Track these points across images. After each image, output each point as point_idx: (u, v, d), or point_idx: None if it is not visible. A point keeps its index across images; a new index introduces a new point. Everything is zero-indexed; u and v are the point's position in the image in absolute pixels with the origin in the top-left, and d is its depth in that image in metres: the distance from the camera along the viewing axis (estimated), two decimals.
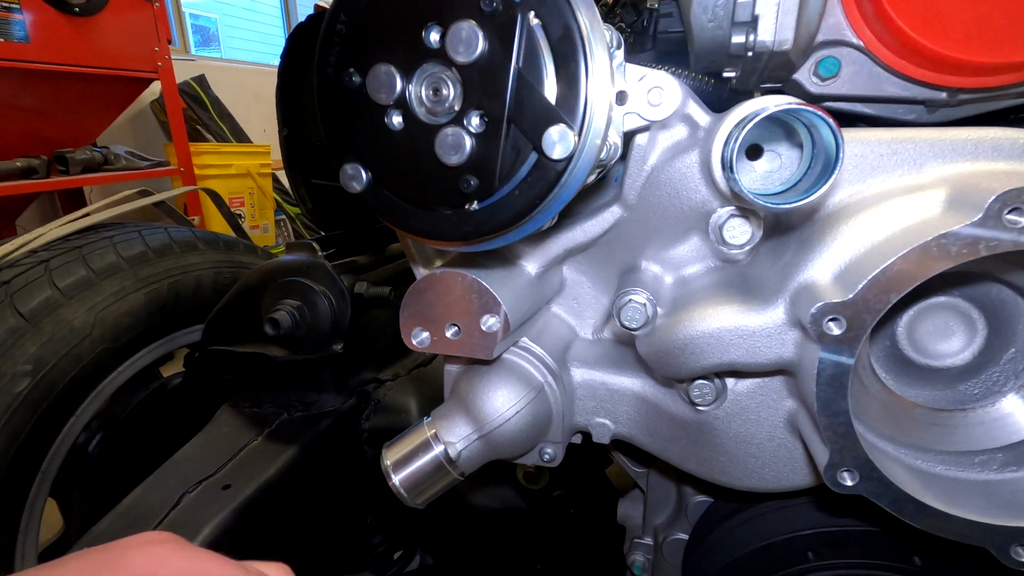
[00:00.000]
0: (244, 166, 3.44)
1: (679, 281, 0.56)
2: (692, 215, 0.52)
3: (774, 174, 0.50)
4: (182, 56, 4.06)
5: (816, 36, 0.49)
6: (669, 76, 0.46)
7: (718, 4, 0.46)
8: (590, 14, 0.37)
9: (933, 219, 0.39)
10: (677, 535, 0.77)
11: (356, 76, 0.40)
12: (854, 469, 0.42)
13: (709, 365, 0.48)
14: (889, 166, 0.45)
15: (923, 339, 0.49)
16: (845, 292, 0.39)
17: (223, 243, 1.27)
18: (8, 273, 0.99)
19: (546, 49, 0.37)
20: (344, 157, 0.42)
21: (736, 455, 0.55)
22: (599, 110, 0.38)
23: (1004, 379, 0.48)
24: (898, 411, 0.50)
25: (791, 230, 0.49)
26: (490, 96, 0.37)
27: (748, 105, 0.44)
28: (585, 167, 0.40)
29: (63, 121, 2.59)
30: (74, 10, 2.34)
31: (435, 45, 0.38)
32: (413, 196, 0.41)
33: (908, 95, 0.50)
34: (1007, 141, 0.42)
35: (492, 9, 0.36)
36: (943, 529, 0.41)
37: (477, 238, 0.42)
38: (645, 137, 0.52)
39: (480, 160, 0.38)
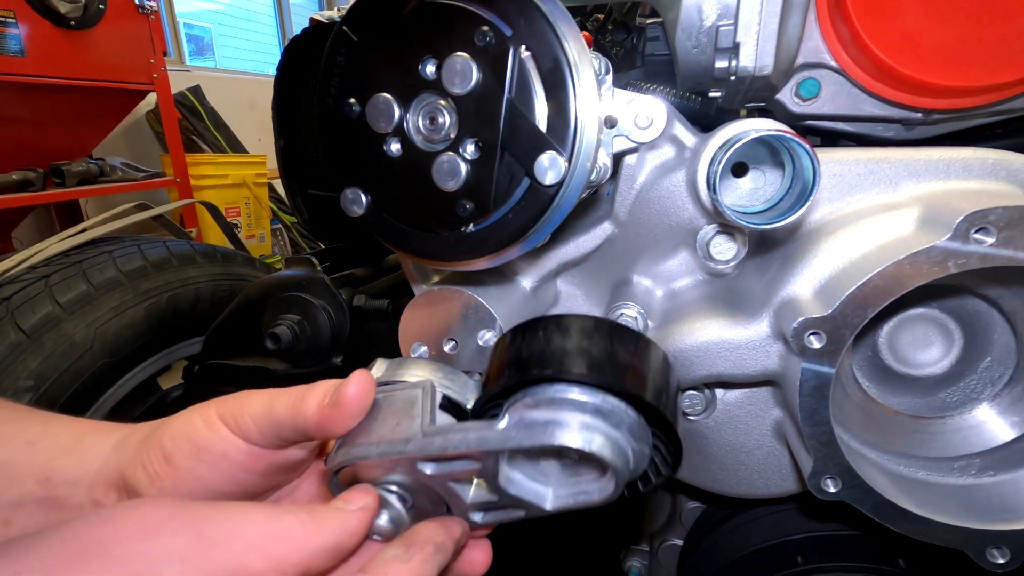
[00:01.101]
0: (240, 176, 3.46)
1: (669, 294, 0.58)
2: (680, 231, 0.54)
3: (759, 191, 0.52)
4: (177, 67, 4.07)
5: (796, 59, 0.51)
6: (656, 100, 0.48)
7: (701, 31, 0.48)
8: (578, 45, 0.39)
9: (907, 237, 0.41)
10: (672, 541, 0.78)
11: (356, 106, 0.41)
12: (837, 476, 0.43)
13: (698, 377, 0.50)
14: (866, 185, 0.47)
15: (903, 349, 0.51)
16: (825, 307, 0.41)
17: (221, 256, 1.29)
18: (9, 289, 1.00)
19: (537, 80, 0.39)
20: (345, 182, 0.43)
21: (726, 463, 0.56)
22: (588, 135, 0.40)
23: (981, 387, 0.50)
24: (880, 418, 0.51)
25: (776, 246, 0.51)
26: (484, 125, 0.39)
27: (732, 128, 0.46)
28: (576, 190, 0.42)
29: (59, 133, 2.60)
30: (69, 23, 2.36)
31: (431, 77, 0.40)
32: (411, 219, 0.43)
33: (885, 114, 0.52)
34: (977, 161, 0.45)
35: (485, 43, 0.38)
36: (923, 533, 0.43)
37: (474, 258, 0.44)
38: (634, 157, 0.53)
39: (475, 185, 0.40)
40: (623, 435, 0.33)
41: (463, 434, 0.34)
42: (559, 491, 0.36)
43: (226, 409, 0.37)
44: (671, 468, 0.37)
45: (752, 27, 0.46)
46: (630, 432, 0.34)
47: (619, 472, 0.33)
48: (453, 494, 0.36)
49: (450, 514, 0.38)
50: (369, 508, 0.34)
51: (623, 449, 0.33)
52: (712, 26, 0.47)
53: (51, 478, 0.39)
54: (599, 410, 0.33)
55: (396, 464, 0.35)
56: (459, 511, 0.37)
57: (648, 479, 0.38)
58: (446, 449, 0.34)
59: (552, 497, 0.35)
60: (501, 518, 0.38)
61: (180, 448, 0.37)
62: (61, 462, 0.40)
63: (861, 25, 0.45)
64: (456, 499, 0.36)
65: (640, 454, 0.34)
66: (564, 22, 0.38)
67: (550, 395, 0.34)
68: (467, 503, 0.36)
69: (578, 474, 0.36)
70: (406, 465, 0.35)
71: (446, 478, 0.36)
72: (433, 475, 0.35)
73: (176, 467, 0.37)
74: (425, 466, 0.35)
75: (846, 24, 0.47)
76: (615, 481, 0.34)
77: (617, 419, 0.33)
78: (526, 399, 0.34)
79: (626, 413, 0.34)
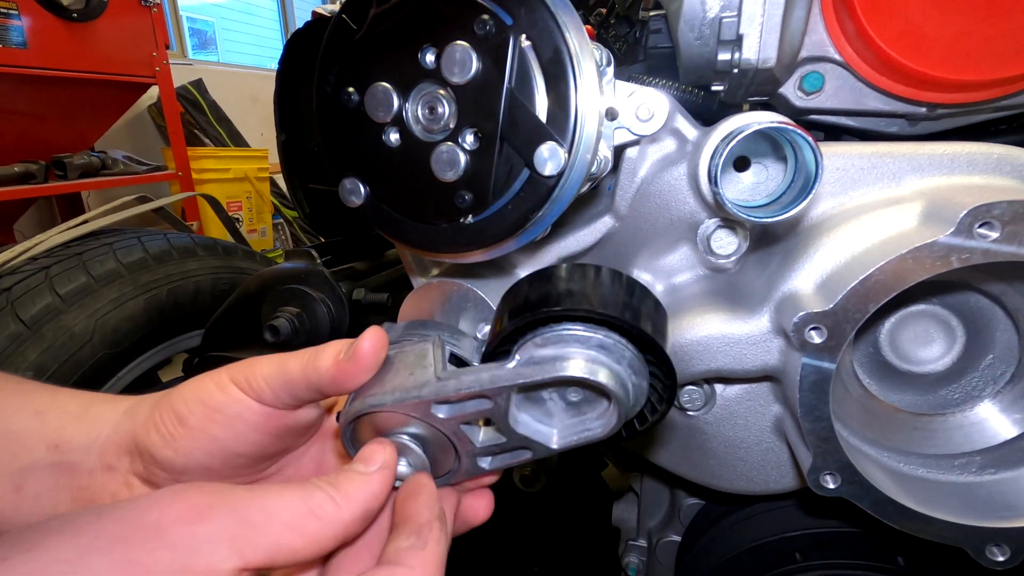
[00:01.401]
0: (242, 170, 3.45)
1: (669, 289, 0.58)
2: (681, 226, 0.53)
3: (761, 185, 0.51)
4: (180, 60, 4.07)
5: (800, 52, 0.50)
6: (657, 92, 0.47)
7: (704, 23, 0.47)
8: (579, 36, 0.39)
9: (909, 232, 0.41)
10: (670, 537, 0.78)
11: (355, 95, 0.41)
12: (836, 472, 0.43)
13: (698, 372, 0.49)
14: (870, 179, 0.47)
15: (904, 345, 0.50)
16: (826, 302, 0.40)
17: (221, 249, 1.28)
18: (9, 280, 1.00)
19: (537, 70, 0.38)
20: (343, 172, 0.43)
21: (725, 458, 0.56)
22: (588, 127, 0.40)
23: (983, 384, 0.50)
24: (881, 415, 0.51)
25: (777, 240, 0.51)
26: (483, 115, 0.39)
27: (734, 120, 0.46)
28: (576, 182, 0.41)
29: (61, 126, 2.61)
30: (72, 16, 2.36)
31: (431, 66, 0.39)
32: (410, 210, 0.43)
33: (889, 109, 0.52)
34: (981, 156, 0.44)
35: (485, 32, 0.37)
36: (922, 530, 0.43)
37: (472, 250, 0.43)
38: (635, 150, 0.53)
39: (474, 176, 0.40)
40: (624, 368, 0.36)
41: (476, 375, 0.36)
42: (564, 430, 0.38)
43: (238, 373, 0.38)
44: (667, 404, 0.40)
45: (756, 19, 0.45)
46: (630, 367, 0.37)
47: (620, 402, 0.36)
48: (463, 439, 0.38)
49: (459, 465, 0.39)
50: (389, 465, 0.36)
51: (624, 381, 0.36)
52: (715, 18, 0.47)
53: (61, 444, 0.40)
54: (602, 345, 0.36)
55: (411, 410, 0.37)
56: (468, 457, 0.39)
57: (645, 418, 0.40)
58: (460, 390, 0.36)
59: (557, 435, 0.38)
60: (508, 461, 0.40)
61: (193, 410, 0.38)
62: (71, 429, 0.40)
63: (866, 18, 0.45)
64: (466, 444, 0.38)
65: (639, 388, 0.37)
66: (565, 12, 0.38)
67: (556, 333, 0.37)
68: (476, 447, 0.38)
69: (581, 413, 0.39)
70: (420, 410, 0.36)
71: (458, 421, 0.37)
72: (446, 419, 0.37)
73: (190, 428, 0.38)
74: (439, 409, 0.37)
75: (851, 17, 0.46)
76: (616, 413, 0.36)
77: (618, 354, 0.37)
78: (535, 339, 0.37)
79: (626, 348, 0.37)
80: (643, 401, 0.39)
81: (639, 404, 0.39)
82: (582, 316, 0.36)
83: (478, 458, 0.39)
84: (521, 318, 0.37)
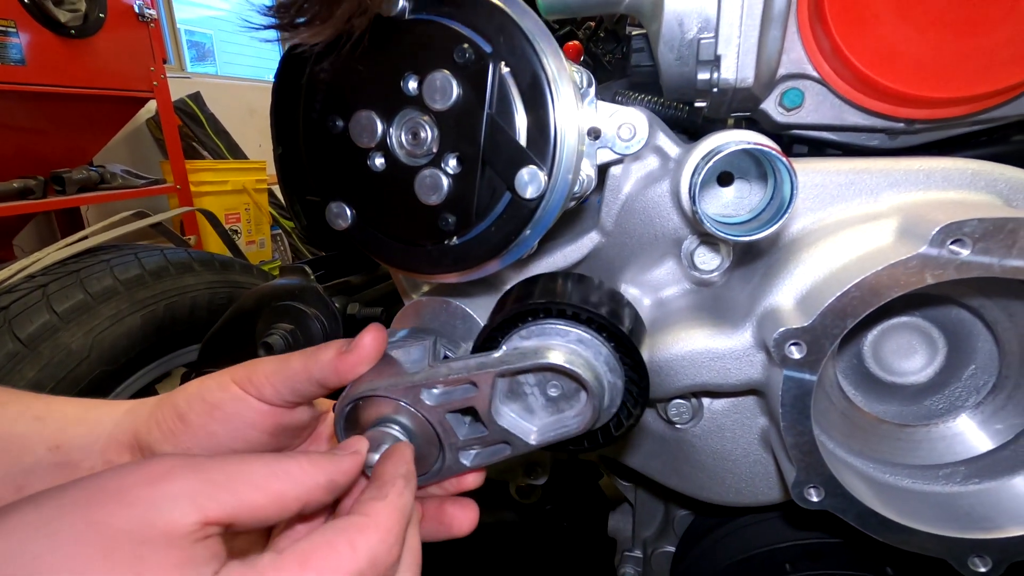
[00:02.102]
0: (240, 182, 3.47)
1: (656, 303, 0.58)
2: (665, 241, 0.54)
3: (743, 200, 0.52)
4: (177, 73, 4.09)
5: (779, 70, 0.51)
6: (638, 111, 0.48)
7: (683, 44, 0.48)
8: (557, 62, 0.40)
9: (885, 248, 0.41)
10: (665, 548, 0.79)
11: (339, 121, 0.42)
12: (820, 486, 0.44)
13: (683, 386, 0.50)
14: (848, 195, 0.48)
15: (887, 357, 0.51)
16: (805, 318, 0.41)
17: (219, 263, 1.29)
18: (6, 299, 1.00)
19: (516, 95, 0.39)
20: (330, 196, 0.44)
21: (714, 471, 0.56)
22: (568, 149, 0.41)
23: (965, 395, 0.51)
24: (865, 426, 0.52)
25: (760, 255, 0.52)
26: (465, 140, 0.40)
27: (714, 139, 0.47)
28: (557, 203, 0.42)
29: (59, 141, 2.62)
30: (70, 32, 2.38)
31: (413, 93, 0.40)
32: (396, 232, 0.44)
33: (868, 124, 0.53)
34: (956, 171, 0.45)
35: (465, 60, 0.38)
36: (905, 542, 0.43)
37: (457, 271, 0.44)
38: (619, 168, 0.54)
39: (457, 199, 0.41)
40: (600, 364, 0.40)
41: (464, 361, 0.40)
42: (543, 426, 0.41)
43: (239, 372, 0.40)
44: (640, 407, 0.42)
45: (732, 40, 0.46)
46: (606, 364, 0.41)
47: (595, 395, 0.39)
48: (448, 430, 0.41)
49: (443, 461, 0.42)
50: (360, 452, 0.37)
51: (599, 375, 0.40)
52: (693, 39, 0.48)
53: (62, 445, 0.41)
54: (581, 340, 0.41)
55: (402, 395, 0.39)
56: (451, 452, 0.41)
57: (620, 422, 0.43)
58: (449, 375, 0.39)
59: (537, 431, 0.41)
60: (489, 457, 0.42)
61: (193, 407, 0.40)
62: (71, 431, 0.41)
63: (840, 36, 0.46)
64: (451, 435, 0.41)
65: (615, 387, 0.41)
66: (543, 39, 0.39)
67: (540, 327, 0.41)
68: (460, 440, 0.41)
69: (560, 411, 0.41)
70: (411, 395, 0.39)
71: (445, 409, 0.40)
72: (434, 406, 0.40)
73: (189, 424, 0.39)
74: (428, 395, 0.39)
75: (826, 35, 0.47)
76: (592, 408, 0.39)
77: (595, 350, 0.41)
78: (519, 331, 0.41)
79: (603, 345, 0.41)
80: (618, 402, 0.41)
81: (614, 405, 0.41)
82: (563, 311, 0.40)
83: (460, 452, 0.41)
84: (508, 311, 0.41)
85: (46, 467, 0.40)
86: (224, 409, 0.39)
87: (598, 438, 0.44)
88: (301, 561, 0.29)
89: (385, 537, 0.32)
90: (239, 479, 0.30)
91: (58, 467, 0.40)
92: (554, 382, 0.40)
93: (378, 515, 0.33)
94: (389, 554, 0.32)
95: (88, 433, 0.41)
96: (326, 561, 0.29)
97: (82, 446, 0.41)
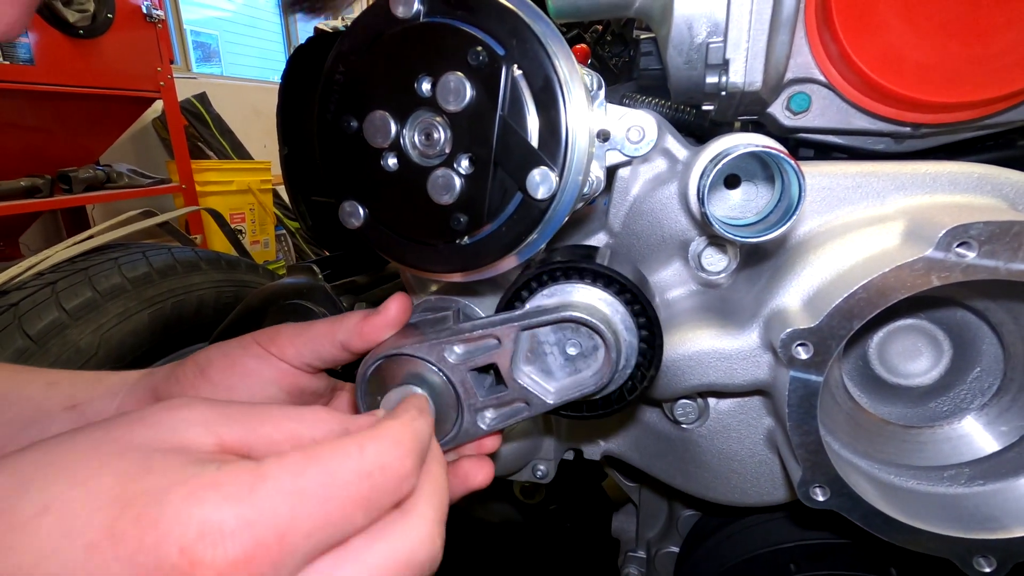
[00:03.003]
0: (245, 182, 3.48)
1: (664, 304, 0.59)
2: (673, 243, 0.55)
3: (751, 202, 0.53)
4: (184, 74, 4.11)
5: (786, 74, 0.52)
6: (647, 114, 0.49)
7: (692, 48, 0.49)
8: (568, 64, 0.40)
9: (892, 250, 0.42)
10: (669, 548, 0.79)
11: (353, 122, 0.42)
12: (825, 485, 0.44)
13: (690, 386, 0.51)
14: (855, 198, 0.48)
15: (893, 359, 0.51)
16: (812, 319, 0.41)
17: (225, 262, 1.30)
18: (16, 296, 1.01)
19: (529, 97, 0.40)
20: (343, 196, 0.45)
21: (719, 471, 0.57)
22: (579, 151, 0.41)
23: (970, 397, 0.51)
24: (870, 428, 0.52)
25: (767, 257, 0.52)
26: (478, 141, 0.40)
27: (722, 142, 0.47)
28: (567, 204, 0.43)
29: (66, 141, 2.64)
30: (78, 32, 2.40)
31: (427, 94, 0.41)
32: (408, 232, 0.44)
33: (875, 128, 0.53)
34: (963, 175, 0.45)
35: (478, 62, 0.39)
36: (910, 542, 0.44)
37: (468, 270, 0.45)
38: (628, 170, 0.54)
39: (469, 199, 0.41)
40: (617, 322, 0.42)
41: (490, 318, 0.42)
42: (561, 387, 0.43)
43: (262, 335, 0.42)
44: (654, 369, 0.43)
45: (741, 44, 0.47)
46: (623, 323, 0.43)
47: (612, 350, 0.40)
48: (470, 390, 0.42)
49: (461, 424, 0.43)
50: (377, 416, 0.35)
51: (617, 331, 0.42)
52: (702, 43, 0.48)
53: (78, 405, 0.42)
54: (600, 298, 0.43)
55: (427, 352, 0.41)
56: (470, 413, 0.43)
57: (634, 386, 0.44)
58: (474, 330, 0.41)
59: (555, 391, 0.42)
60: (508, 418, 0.43)
61: (214, 362, 0.41)
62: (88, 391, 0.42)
63: (847, 41, 0.46)
64: (471, 395, 0.42)
65: (630, 346, 0.43)
66: (555, 42, 0.39)
67: (561, 287, 0.43)
68: (480, 400, 0.42)
69: (577, 371, 0.43)
70: (435, 352, 0.41)
71: (467, 367, 0.41)
72: (457, 363, 0.41)
73: (209, 379, 0.41)
74: (452, 352, 0.41)
75: (833, 40, 0.47)
76: (609, 365, 0.41)
77: (613, 307, 0.43)
78: (542, 291, 0.43)
79: (620, 304, 0.43)
80: (633, 362, 0.43)
81: (629, 366, 0.43)
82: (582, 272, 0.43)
83: (479, 415, 0.43)
84: (532, 271, 0.43)
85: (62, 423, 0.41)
86: (244, 365, 0.41)
87: (612, 402, 0.45)
88: (307, 457, 0.27)
89: (395, 447, 0.30)
90: (255, 416, 0.30)
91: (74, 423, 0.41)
92: (573, 340, 0.42)
93: (389, 427, 0.31)
94: (401, 464, 0.30)
95: (105, 392, 0.42)
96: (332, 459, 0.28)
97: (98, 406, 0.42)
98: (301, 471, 0.26)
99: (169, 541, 0.23)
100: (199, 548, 0.23)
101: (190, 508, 0.23)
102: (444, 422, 0.43)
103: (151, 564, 0.22)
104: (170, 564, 0.22)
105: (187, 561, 0.23)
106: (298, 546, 0.25)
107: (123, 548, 0.23)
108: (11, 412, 0.41)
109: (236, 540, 0.23)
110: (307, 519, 0.25)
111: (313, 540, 0.26)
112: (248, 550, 0.23)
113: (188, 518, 0.23)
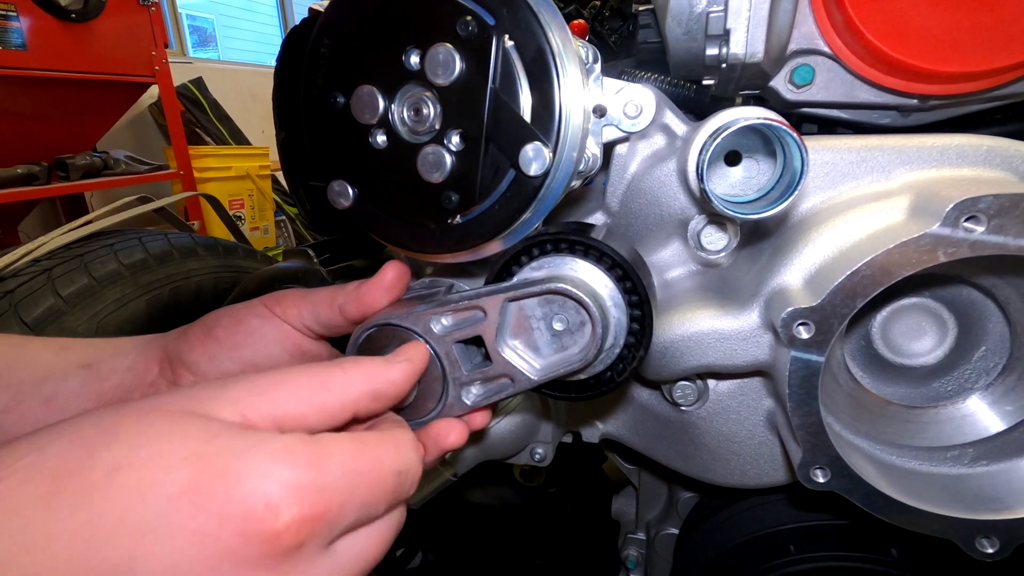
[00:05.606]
0: (243, 168, 3.46)
1: (662, 284, 0.58)
2: (672, 222, 0.53)
3: (752, 179, 0.51)
4: (179, 59, 4.07)
5: (789, 45, 0.50)
6: (645, 88, 0.47)
7: (691, 18, 0.47)
8: (562, 35, 0.39)
9: (897, 226, 0.41)
10: (668, 530, 0.79)
11: (340, 97, 0.41)
12: (826, 467, 0.43)
13: (689, 367, 0.50)
14: (859, 173, 0.47)
15: (896, 338, 0.50)
16: (814, 297, 0.40)
17: (222, 248, 1.29)
18: (12, 283, 1.01)
19: (520, 69, 0.38)
20: (331, 175, 0.43)
21: (719, 453, 0.56)
22: (574, 126, 0.40)
23: (975, 377, 0.50)
24: (872, 408, 0.51)
25: (768, 235, 0.51)
26: (468, 116, 0.39)
27: (722, 116, 0.46)
28: (562, 180, 0.41)
29: (63, 127, 2.61)
30: (70, 16, 2.36)
31: (415, 67, 0.39)
32: (398, 211, 0.43)
33: (880, 101, 0.51)
34: (971, 148, 0.44)
35: (468, 33, 0.37)
36: (912, 523, 0.43)
37: (460, 250, 0.44)
38: (625, 147, 0.53)
39: (460, 177, 0.40)
40: (605, 298, 0.41)
41: (476, 290, 0.41)
42: (547, 363, 0.42)
43: (268, 298, 0.44)
44: (643, 349, 0.42)
45: (742, 13, 0.45)
46: (611, 299, 0.41)
47: (599, 324, 0.39)
48: (455, 363, 0.42)
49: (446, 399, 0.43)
50: (414, 360, 0.38)
51: (605, 307, 0.40)
52: (702, 12, 0.47)
53: (92, 364, 0.44)
54: (589, 273, 0.42)
55: (414, 322, 0.41)
56: (455, 387, 0.43)
57: (623, 367, 0.43)
58: (462, 301, 0.41)
59: (540, 367, 0.42)
60: (491, 394, 0.43)
61: (221, 322, 0.44)
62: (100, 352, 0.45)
63: (854, 10, 0.45)
64: (456, 368, 0.42)
65: (619, 323, 0.41)
66: (548, 11, 0.38)
67: (550, 259, 0.42)
68: (466, 374, 0.42)
69: (564, 348, 0.42)
70: (422, 323, 0.41)
71: (453, 339, 0.41)
72: (443, 335, 0.41)
73: (216, 338, 0.43)
74: (438, 324, 0.41)
75: (839, 9, 0.46)
76: (595, 340, 0.40)
77: (601, 283, 0.41)
78: (531, 263, 0.42)
79: (607, 281, 0.41)
80: (621, 341, 0.42)
81: (617, 345, 0.42)
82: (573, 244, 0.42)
83: (463, 390, 0.43)
84: (521, 242, 0.42)
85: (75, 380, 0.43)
86: (249, 324, 0.43)
87: (601, 383, 0.44)
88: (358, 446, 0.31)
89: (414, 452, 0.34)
90: (282, 389, 0.31)
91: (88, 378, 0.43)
92: (560, 315, 0.41)
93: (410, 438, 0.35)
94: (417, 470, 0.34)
95: (115, 352, 0.45)
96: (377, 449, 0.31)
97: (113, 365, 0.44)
98: (356, 455, 0.30)
99: (256, 495, 0.26)
100: (283, 504, 0.26)
101: (272, 468, 0.26)
102: (429, 396, 0.43)
103: (237, 514, 0.25)
104: (257, 516, 0.25)
105: (272, 515, 0.26)
106: (347, 517, 0.29)
107: (210, 500, 0.25)
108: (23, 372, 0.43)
109: (309, 501, 0.27)
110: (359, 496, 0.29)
111: (356, 516, 0.30)
112: (317, 511, 0.27)
113: (271, 476, 0.26)
